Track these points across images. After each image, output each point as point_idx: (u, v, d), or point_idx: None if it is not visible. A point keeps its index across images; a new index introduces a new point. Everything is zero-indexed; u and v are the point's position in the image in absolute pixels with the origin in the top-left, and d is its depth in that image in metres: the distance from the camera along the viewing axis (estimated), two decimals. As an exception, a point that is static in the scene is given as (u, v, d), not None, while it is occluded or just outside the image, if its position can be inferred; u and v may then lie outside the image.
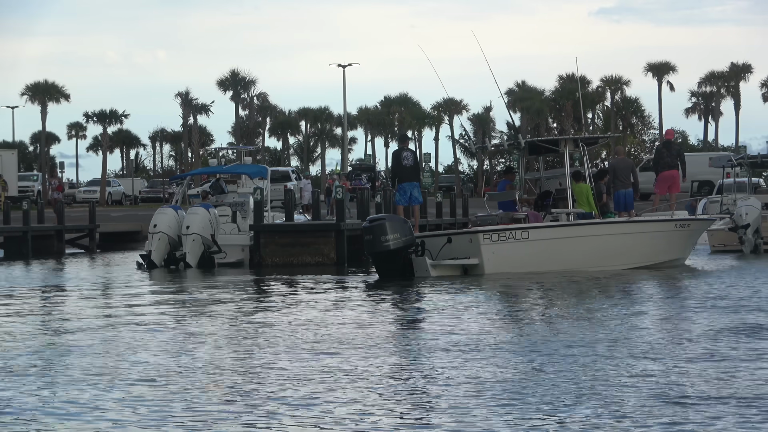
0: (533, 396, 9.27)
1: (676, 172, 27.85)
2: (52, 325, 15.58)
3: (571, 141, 25.96)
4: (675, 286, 20.89)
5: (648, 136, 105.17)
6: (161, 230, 30.29)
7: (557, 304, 17.59)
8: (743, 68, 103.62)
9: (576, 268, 23.77)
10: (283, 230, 31.92)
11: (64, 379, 10.55)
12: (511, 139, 27.55)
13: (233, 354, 12.19)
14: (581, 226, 24.47)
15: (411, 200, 26.46)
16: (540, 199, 25.85)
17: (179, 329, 14.72)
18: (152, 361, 11.64)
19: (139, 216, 52.37)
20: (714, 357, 11.29)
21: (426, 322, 15.15)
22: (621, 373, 10.36)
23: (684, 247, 26.25)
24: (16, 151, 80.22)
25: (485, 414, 8.61)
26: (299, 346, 12.63)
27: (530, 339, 12.87)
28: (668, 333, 13.34)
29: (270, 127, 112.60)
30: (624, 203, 27.11)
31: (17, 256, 38.17)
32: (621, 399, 9.09)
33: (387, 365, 11.18)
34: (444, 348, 12.28)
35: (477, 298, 18.92)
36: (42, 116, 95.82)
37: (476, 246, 23.69)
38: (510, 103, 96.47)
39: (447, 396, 9.39)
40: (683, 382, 9.85)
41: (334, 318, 15.75)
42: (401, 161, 26.37)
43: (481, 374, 10.44)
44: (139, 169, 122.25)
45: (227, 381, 10.37)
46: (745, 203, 32.38)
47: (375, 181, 69.85)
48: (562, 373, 10.35)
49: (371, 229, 23.60)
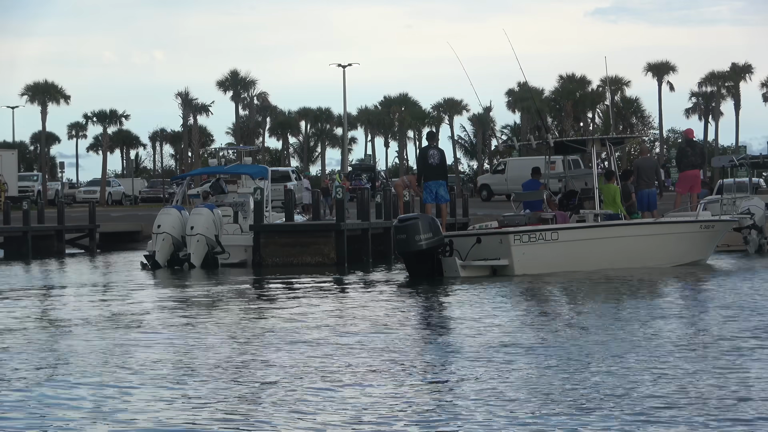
0: (556, 399, 9.27)
1: (698, 172, 27.88)
2: (63, 328, 15.55)
3: (598, 141, 25.99)
4: (701, 288, 20.64)
5: (648, 136, 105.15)
6: (165, 230, 30.25)
7: (595, 308, 17.21)
8: (743, 68, 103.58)
9: (603, 269, 23.74)
10: (283, 230, 31.87)
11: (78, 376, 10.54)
12: (539, 138, 27.55)
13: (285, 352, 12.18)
14: (610, 227, 24.48)
15: (438, 199, 26.24)
16: (565, 199, 25.82)
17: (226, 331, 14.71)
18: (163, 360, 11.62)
19: (139, 216, 52.33)
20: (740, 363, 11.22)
21: (468, 322, 15.13)
22: (643, 377, 10.35)
23: (707, 247, 26.29)
24: (16, 151, 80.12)
25: (510, 416, 8.62)
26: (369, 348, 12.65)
27: (559, 341, 12.85)
28: (693, 337, 13.26)
29: (270, 127, 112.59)
30: (647, 203, 27.12)
31: (17, 256, 38.13)
32: (642, 403, 9.08)
33: (421, 364, 11.19)
34: (477, 348, 12.31)
35: (514, 299, 18.85)
36: (42, 116, 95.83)
37: (506, 247, 23.60)
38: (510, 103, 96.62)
39: (470, 398, 9.39)
40: (702, 386, 9.83)
41: (391, 319, 15.71)
42: (427, 159, 26.10)
43: (507, 376, 10.46)
44: (139, 169, 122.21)
45: (271, 377, 10.36)
46: (749, 203, 32.31)
47: (375, 181, 69.81)
48: (585, 376, 10.34)
49: (404, 229, 23.47)
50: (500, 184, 64.82)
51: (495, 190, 64.82)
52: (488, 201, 62.79)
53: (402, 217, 25.00)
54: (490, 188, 65.52)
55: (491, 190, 65.23)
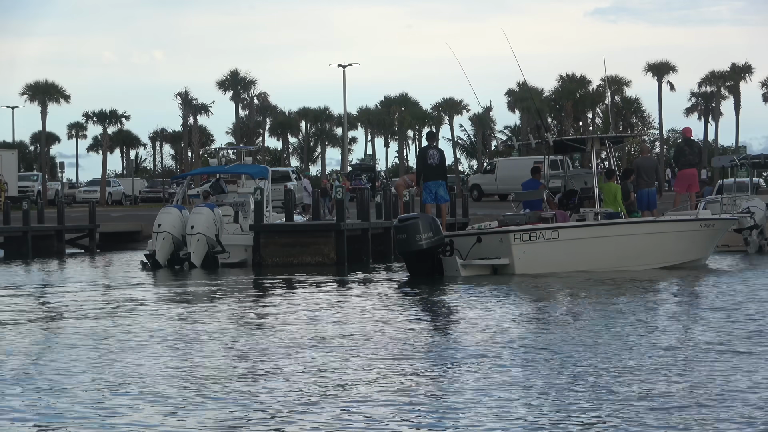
0: (556, 399, 9.26)
1: (696, 171, 27.90)
2: (64, 330, 15.54)
3: (597, 140, 25.99)
4: (701, 288, 20.58)
5: (648, 135, 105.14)
6: (165, 230, 30.24)
7: (595, 308, 17.17)
8: (743, 68, 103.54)
9: (604, 268, 23.71)
10: (283, 230, 31.86)
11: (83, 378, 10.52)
12: (538, 138, 27.55)
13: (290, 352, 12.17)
14: (611, 225, 24.47)
15: (437, 199, 26.23)
16: (565, 198, 25.82)
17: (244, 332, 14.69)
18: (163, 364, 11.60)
19: (139, 216, 52.33)
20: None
21: (468, 321, 15.15)
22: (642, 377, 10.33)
23: (707, 246, 26.24)
24: (16, 151, 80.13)
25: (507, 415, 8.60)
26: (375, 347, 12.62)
27: (559, 341, 12.85)
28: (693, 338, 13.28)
29: (270, 127, 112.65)
30: (647, 202, 27.12)
31: (17, 256, 38.12)
32: (639, 404, 9.06)
33: (423, 366, 11.17)
34: (478, 348, 12.30)
35: (515, 299, 18.82)
36: (42, 116, 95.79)
37: (507, 246, 23.62)
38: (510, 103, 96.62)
39: (470, 398, 9.38)
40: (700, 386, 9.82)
41: (391, 319, 15.71)
42: (427, 159, 26.13)
43: (505, 376, 10.44)
44: (139, 170, 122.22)
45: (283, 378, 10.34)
46: (750, 203, 32.29)
47: (375, 181, 69.81)
48: (585, 376, 10.34)
49: (405, 228, 23.52)
50: (490, 184, 65.32)
51: (485, 190, 65.30)
52: (479, 201, 62.90)
53: (402, 217, 25.00)
54: (481, 188, 65.86)
55: (482, 190, 65.56)
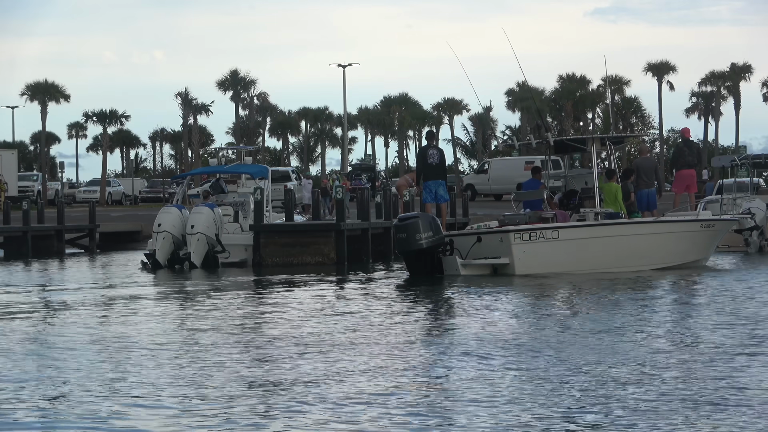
0: (556, 399, 9.25)
1: (694, 172, 27.90)
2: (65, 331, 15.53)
3: (598, 140, 25.97)
4: (701, 289, 20.55)
5: (648, 135, 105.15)
6: (165, 229, 30.22)
7: (594, 309, 17.12)
8: (743, 68, 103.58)
9: (604, 268, 23.70)
10: (283, 230, 31.86)
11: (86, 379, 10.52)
12: (538, 138, 27.56)
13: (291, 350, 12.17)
14: (611, 226, 24.44)
15: (437, 198, 26.18)
16: (566, 198, 25.81)
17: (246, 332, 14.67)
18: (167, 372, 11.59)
19: (139, 216, 52.32)
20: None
21: (468, 320, 15.16)
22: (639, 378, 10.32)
23: (708, 247, 26.21)
24: (16, 151, 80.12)
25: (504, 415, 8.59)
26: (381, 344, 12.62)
27: (559, 341, 12.84)
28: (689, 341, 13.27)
29: (270, 127, 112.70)
30: (647, 202, 27.12)
31: (17, 256, 38.11)
32: (635, 404, 9.06)
33: (421, 363, 11.17)
34: (478, 347, 12.30)
35: (515, 298, 18.81)
36: (42, 116, 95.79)
37: (507, 245, 23.61)
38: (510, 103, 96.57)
39: (470, 397, 9.37)
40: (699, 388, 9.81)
41: (391, 318, 15.70)
42: (426, 159, 26.10)
43: (506, 376, 10.45)
44: (139, 169, 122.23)
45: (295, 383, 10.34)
46: (750, 204, 32.26)
47: (375, 181, 69.82)
48: (584, 376, 10.33)
49: (405, 228, 23.53)
50: (483, 184, 65.57)
51: (479, 190, 65.48)
52: (472, 201, 62.92)
53: (402, 216, 25.01)
54: (474, 188, 65.97)
55: (475, 190, 65.67)
